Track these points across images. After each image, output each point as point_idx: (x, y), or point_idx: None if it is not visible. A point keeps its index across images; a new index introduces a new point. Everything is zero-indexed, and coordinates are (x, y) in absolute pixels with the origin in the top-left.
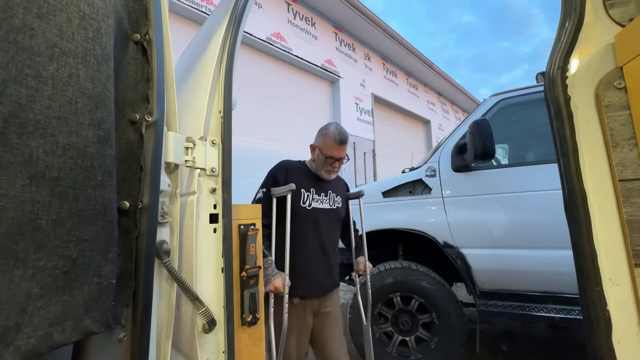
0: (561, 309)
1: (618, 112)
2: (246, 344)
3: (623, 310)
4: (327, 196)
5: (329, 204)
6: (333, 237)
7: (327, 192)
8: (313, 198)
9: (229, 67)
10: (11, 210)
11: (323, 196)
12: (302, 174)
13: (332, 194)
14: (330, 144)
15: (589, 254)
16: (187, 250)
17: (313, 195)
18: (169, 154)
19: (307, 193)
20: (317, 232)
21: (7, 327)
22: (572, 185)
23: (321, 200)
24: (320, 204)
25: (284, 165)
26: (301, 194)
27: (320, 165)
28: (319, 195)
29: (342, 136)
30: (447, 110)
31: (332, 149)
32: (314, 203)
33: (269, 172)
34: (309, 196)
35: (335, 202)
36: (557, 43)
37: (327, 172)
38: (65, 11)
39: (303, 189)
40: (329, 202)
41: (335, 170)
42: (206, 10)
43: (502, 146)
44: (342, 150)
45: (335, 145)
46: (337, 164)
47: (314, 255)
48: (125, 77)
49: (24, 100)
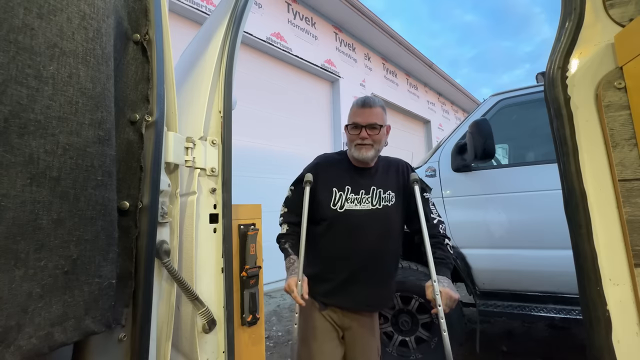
0: (561, 309)
1: (618, 112)
2: (246, 344)
3: (623, 310)
4: (368, 193)
5: (371, 203)
6: (381, 244)
7: (368, 188)
8: (347, 198)
9: (229, 67)
10: (12, 210)
11: (363, 194)
12: (336, 168)
13: (378, 189)
14: (353, 111)
15: (589, 254)
16: (187, 250)
17: (348, 194)
18: (169, 154)
19: (339, 192)
20: (352, 240)
21: (8, 327)
22: (572, 185)
23: (359, 200)
24: (357, 204)
25: (315, 161)
26: (332, 194)
27: (349, 143)
28: (357, 194)
29: (366, 98)
30: (447, 110)
31: (354, 115)
32: (347, 204)
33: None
34: (341, 196)
35: (383, 200)
36: (557, 43)
37: (358, 148)
38: (65, 11)
39: (335, 187)
40: (371, 200)
41: (367, 144)
42: (206, 10)
43: (502, 146)
44: (368, 114)
45: (357, 109)
46: (365, 133)
47: (348, 266)
48: (125, 77)
49: (24, 100)
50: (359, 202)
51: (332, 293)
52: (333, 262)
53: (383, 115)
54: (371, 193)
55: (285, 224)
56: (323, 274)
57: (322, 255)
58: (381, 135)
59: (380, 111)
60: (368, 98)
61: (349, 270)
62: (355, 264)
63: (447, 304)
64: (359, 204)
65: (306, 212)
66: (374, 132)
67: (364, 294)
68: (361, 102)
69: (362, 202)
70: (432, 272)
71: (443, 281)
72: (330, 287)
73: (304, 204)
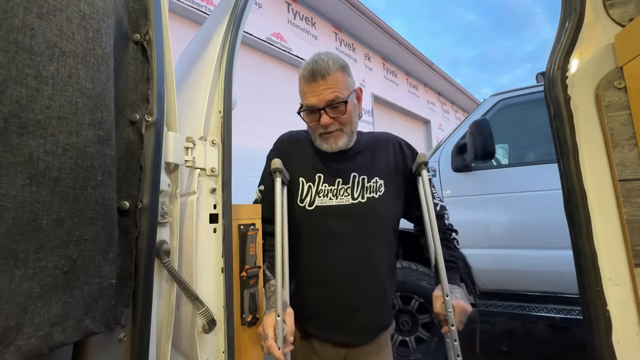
0: (561, 309)
1: (618, 112)
2: (246, 344)
3: (623, 310)
4: (347, 183)
5: (352, 195)
6: (369, 250)
7: (347, 175)
8: (319, 191)
9: (229, 67)
10: (11, 210)
11: (340, 184)
12: (303, 150)
13: (361, 177)
14: (302, 87)
15: (589, 254)
16: (187, 250)
17: (319, 185)
18: (169, 154)
19: (308, 183)
20: (330, 247)
21: (7, 327)
22: (572, 185)
23: (334, 193)
24: (331, 199)
25: (278, 140)
26: (299, 186)
27: (311, 132)
28: (332, 184)
29: (314, 65)
30: (447, 110)
31: (305, 94)
32: (319, 199)
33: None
34: (310, 188)
35: (367, 191)
36: (557, 43)
37: (323, 139)
38: (65, 11)
39: (302, 176)
40: (352, 192)
41: (334, 131)
42: (206, 10)
43: (502, 146)
44: (322, 89)
45: (306, 84)
46: (327, 118)
47: (328, 279)
48: (125, 77)
49: (24, 100)
50: (334, 195)
51: (316, 323)
52: (309, 282)
53: (345, 81)
54: (351, 182)
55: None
56: (304, 293)
57: (296, 275)
58: (350, 112)
59: (340, 76)
60: (317, 63)
61: (330, 291)
62: (338, 281)
63: (460, 320)
64: (334, 198)
65: (280, 214)
66: (339, 113)
67: (368, 313)
68: (309, 72)
69: (338, 195)
70: (444, 282)
71: (455, 291)
72: (311, 315)
73: (276, 203)
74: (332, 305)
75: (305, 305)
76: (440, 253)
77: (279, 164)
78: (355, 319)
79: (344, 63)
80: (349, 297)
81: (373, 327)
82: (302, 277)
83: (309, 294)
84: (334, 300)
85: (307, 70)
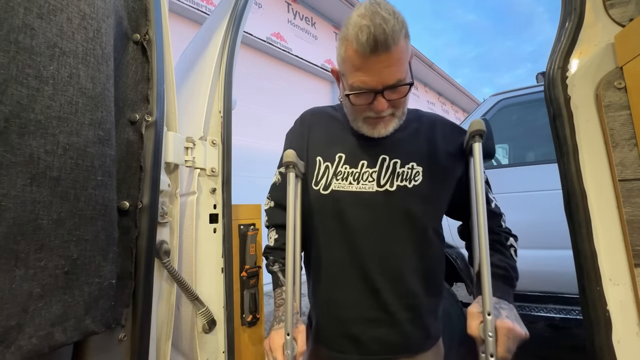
0: (561, 309)
1: (618, 112)
2: (246, 344)
3: (623, 310)
4: (373, 166)
5: (378, 182)
6: (393, 250)
7: (374, 158)
8: (337, 172)
9: (229, 67)
10: (12, 210)
11: (364, 167)
12: (325, 126)
13: (392, 160)
14: (349, 56)
15: (589, 254)
16: (187, 250)
17: (338, 166)
18: (169, 154)
19: (325, 163)
20: (344, 240)
21: (8, 327)
22: (572, 185)
23: (355, 177)
24: (352, 183)
25: (299, 118)
26: (315, 166)
27: (353, 113)
28: (354, 166)
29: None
30: (447, 110)
31: (359, 69)
32: (335, 182)
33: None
34: (328, 169)
35: (398, 177)
36: (557, 43)
37: (370, 124)
38: (65, 11)
39: (320, 155)
40: (378, 177)
41: (385, 118)
42: (206, 10)
43: (502, 146)
44: (385, 65)
45: (363, 57)
46: (383, 103)
47: (345, 286)
48: (125, 77)
49: (24, 100)
50: (355, 179)
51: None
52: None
53: (408, 51)
54: (378, 166)
55: (273, 228)
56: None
57: (311, 275)
58: (408, 96)
59: (404, 46)
60: (381, 27)
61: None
62: (350, 286)
63: (508, 349)
64: (355, 183)
65: (292, 209)
66: (399, 95)
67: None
68: (369, 40)
69: (360, 180)
70: (486, 294)
71: (502, 308)
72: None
73: (288, 197)
74: (342, 315)
75: (322, 312)
76: (487, 255)
77: (292, 157)
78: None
79: (404, 20)
80: (363, 307)
81: (393, 348)
82: (314, 277)
83: (318, 298)
84: (344, 310)
85: (365, 36)
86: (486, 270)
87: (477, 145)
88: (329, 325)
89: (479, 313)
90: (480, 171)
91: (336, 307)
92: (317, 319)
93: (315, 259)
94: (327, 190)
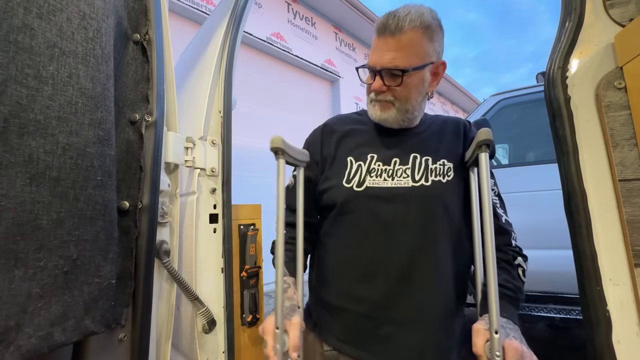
0: (561, 309)
1: (618, 112)
2: (246, 344)
3: (623, 310)
4: (406, 163)
5: (412, 177)
6: (431, 248)
7: (406, 156)
8: (371, 170)
9: (229, 67)
10: (12, 210)
11: (397, 164)
12: (353, 129)
13: (424, 157)
14: (373, 39)
15: (589, 254)
16: (187, 250)
17: (372, 164)
18: (169, 154)
19: (357, 162)
20: (379, 236)
21: (7, 327)
22: (572, 185)
23: (389, 173)
24: (386, 179)
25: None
26: (346, 166)
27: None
28: (387, 164)
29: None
30: (447, 110)
31: (372, 48)
32: (370, 179)
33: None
34: (360, 167)
35: (432, 173)
36: (557, 43)
37: (372, 105)
38: (65, 11)
39: (351, 156)
40: (413, 173)
41: (383, 101)
42: (206, 10)
43: (502, 146)
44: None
45: (375, 36)
46: (379, 83)
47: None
48: (125, 77)
49: (24, 100)
50: (389, 175)
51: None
52: (348, 282)
53: (422, 45)
54: (411, 163)
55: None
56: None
57: (328, 271)
58: (409, 87)
59: (416, 38)
60: (395, 15)
61: (376, 297)
62: (381, 282)
63: None
64: (389, 179)
65: (301, 206)
66: (394, 82)
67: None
68: (381, 24)
69: (395, 176)
70: (493, 312)
71: (508, 328)
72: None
73: (297, 195)
74: (372, 314)
75: (327, 308)
76: (494, 273)
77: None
78: (400, 337)
79: (430, 22)
80: (396, 305)
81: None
82: (336, 277)
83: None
84: (375, 309)
85: (381, 20)
86: (493, 288)
87: (483, 155)
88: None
89: (485, 330)
90: (487, 183)
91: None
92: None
93: (334, 252)
94: (362, 187)
